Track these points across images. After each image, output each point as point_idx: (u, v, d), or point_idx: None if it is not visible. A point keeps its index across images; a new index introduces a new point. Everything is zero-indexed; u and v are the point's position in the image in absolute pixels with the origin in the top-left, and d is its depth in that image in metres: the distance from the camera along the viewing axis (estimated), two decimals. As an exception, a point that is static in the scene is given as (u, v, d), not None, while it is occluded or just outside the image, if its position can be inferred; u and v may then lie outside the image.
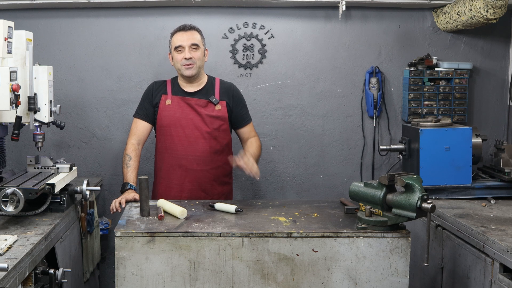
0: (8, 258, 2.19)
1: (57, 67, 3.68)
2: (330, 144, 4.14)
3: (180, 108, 3.37)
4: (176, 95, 3.40)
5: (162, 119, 3.38)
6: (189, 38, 3.33)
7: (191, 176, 3.37)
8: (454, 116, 3.99)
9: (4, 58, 2.72)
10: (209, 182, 3.40)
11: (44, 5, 3.84)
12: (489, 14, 3.35)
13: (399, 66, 4.08)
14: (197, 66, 3.33)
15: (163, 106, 3.38)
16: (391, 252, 2.53)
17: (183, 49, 3.32)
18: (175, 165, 3.38)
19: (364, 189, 2.64)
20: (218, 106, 3.38)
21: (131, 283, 2.51)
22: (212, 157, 3.38)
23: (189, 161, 3.36)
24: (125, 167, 3.30)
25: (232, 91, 3.47)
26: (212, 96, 3.38)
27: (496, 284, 2.54)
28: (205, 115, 3.36)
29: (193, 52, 3.32)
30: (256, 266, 2.53)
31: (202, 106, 3.37)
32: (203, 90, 3.41)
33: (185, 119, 3.36)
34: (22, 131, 2.95)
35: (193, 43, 3.32)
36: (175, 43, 3.34)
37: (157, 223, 2.66)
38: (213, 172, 3.40)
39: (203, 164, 3.37)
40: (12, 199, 2.56)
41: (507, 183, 3.40)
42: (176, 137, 3.36)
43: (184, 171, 3.37)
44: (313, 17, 4.03)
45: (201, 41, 3.38)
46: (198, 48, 3.34)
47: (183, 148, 3.35)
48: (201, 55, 3.36)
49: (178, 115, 3.36)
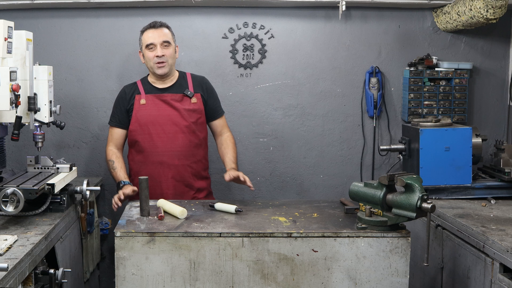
0: (8, 258, 2.19)
1: (57, 67, 3.68)
2: (330, 144, 4.14)
3: (156, 106, 3.37)
4: (150, 94, 3.40)
5: (139, 118, 3.36)
6: (160, 35, 3.32)
7: (174, 171, 3.37)
8: (454, 116, 3.99)
9: (4, 58, 2.71)
10: (190, 177, 3.41)
11: (44, 5, 3.85)
12: (489, 14, 3.35)
13: (399, 66, 4.08)
14: (169, 64, 3.34)
15: (138, 106, 3.38)
16: (391, 252, 2.53)
17: (154, 47, 3.32)
18: (156, 163, 3.37)
19: (364, 189, 2.64)
20: (194, 99, 3.39)
21: (131, 283, 2.51)
22: (192, 151, 3.40)
23: (170, 157, 3.36)
24: (112, 171, 3.35)
25: (205, 84, 3.49)
26: (187, 90, 3.39)
27: (496, 284, 2.54)
28: (182, 109, 3.36)
29: (165, 49, 3.32)
30: (256, 266, 2.53)
31: (178, 101, 3.38)
32: (176, 84, 3.42)
33: (162, 115, 3.36)
34: (22, 131, 2.95)
35: (164, 40, 3.32)
36: (146, 40, 3.34)
37: (157, 223, 2.66)
38: (194, 166, 3.42)
39: (184, 158, 3.38)
40: (12, 199, 2.56)
41: (507, 183, 3.40)
42: (155, 134, 3.35)
43: (166, 167, 3.37)
44: (313, 17, 4.03)
45: (172, 38, 3.38)
46: (170, 45, 3.35)
47: (163, 145, 3.35)
48: (173, 52, 3.37)
49: (155, 113, 3.36)
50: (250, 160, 4.12)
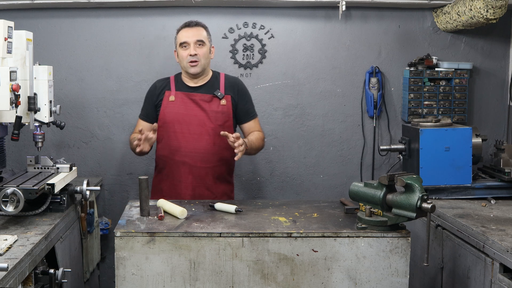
0: (8, 258, 2.19)
1: (57, 67, 3.68)
2: (330, 144, 4.14)
3: (184, 105, 3.34)
4: (179, 91, 3.37)
5: (165, 115, 3.34)
6: (194, 35, 3.29)
7: (196, 173, 3.33)
8: (454, 116, 3.99)
9: (4, 58, 2.71)
10: (212, 180, 3.36)
11: (44, 5, 3.85)
12: (489, 14, 3.35)
13: (399, 66, 4.08)
14: (202, 64, 3.30)
15: (167, 103, 3.35)
16: (391, 252, 2.53)
17: (188, 46, 3.29)
18: (179, 163, 3.34)
19: (364, 189, 2.64)
20: (223, 101, 3.34)
21: (131, 283, 2.51)
22: (216, 154, 3.34)
23: (193, 158, 3.32)
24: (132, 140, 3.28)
25: (237, 85, 3.44)
26: (217, 90, 3.35)
27: (496, 284, 2.54)
28: (210, 111, 3.32)
29: (198, 48, 3.29)
30: (256, 266, 2.53)
31: (207, 101, 3.34)
32: (207, 84, 3.38)
33: (189, 115, 3.33)
34: (22, 131, 2.95)
35: (198, 40, 3.29)
36: (180, 39, 3.31)
37: (157, 223, 2.66)
38: (217, 169, 3.37)
39: (207, 161, 3.33)
40: (12, 199, 2.56)
41: (507, 183, 3.40)
42: (180, 133, 3.32)
43: (188, 168, 3.33)
44: (313, 17, 4.03)
45: (207, 37, 3.34)
46: (204, 44, 3.31)
47: (187, 145, 3.32)
48: (207, 52, 3.33)
49: (182, 111, 3.33)
50: (250, 160, 4.11)
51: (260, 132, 3.47)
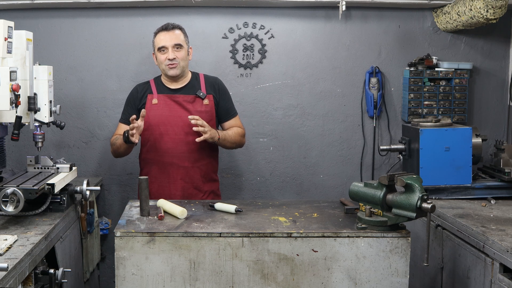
0: (8, 258, 2.19)
1: (57, 67, 3.68)
2: (330, 144, 4.14)
3: (167, 106, 3.37)
4: (162, 94, 3.40)
5: (150, 118, 3.35)
6: (171, 38, 3.31)
7: (184, 173, 3.37)
8: (454, 116, 3.99)
9: (4, 58, 2.71)
10: (199, 179, 3.40)
11: (44, 5, 3.85)
12: (489, 14, 3.35)
13: (399, 66, 4.08)
14: (180, 66, 3.33)
15: (150, 106, 3.38)
16: (391, 252, 2.53)
17: (166, 50, 3.31)
18: (167, 164, 3.37)
19: (364, 189, 2.64)
20: (206, 101, 3.38)
21: (131, 283, 2.51)
22: (202, 153, 3.39)
23: (181, 158, 3.35)
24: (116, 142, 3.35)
25: (217, 84, 3.48)
26: (199, 91, 3.39)
27: (496, 284, 2.54)
28: (194, 111, 3.35)
29: (177, 52, 3.32)
30: (256, 266, 2.53)
31: (190, 102, 3.37)
32: (188, 85, 3.42)
33: (174, 116, 3.35)
34: (22, 131, 2.95)
35: (176, 43, 3.31)
36: (158, 43, 3.33)
37: (157, 223, 2.66)
38: (204, 168, 3.42)
39: (194, 160, 3.37)
40: (12, 199, 2.56)
41: (507, 183, 3.40)
42: (166, 135, 3.35)
43: (176, 168, 3.36)
44: (313, 17, 4.03)
45: (184, 40, 3.37)
46: (182, 47, 3.34)
47: (174, 146, 3.35)
48: (185, 55, 3.36)
49: (167, 113, 3.36)
50: (250, 160, 4.12)
51: (240, 128, 3.52)
